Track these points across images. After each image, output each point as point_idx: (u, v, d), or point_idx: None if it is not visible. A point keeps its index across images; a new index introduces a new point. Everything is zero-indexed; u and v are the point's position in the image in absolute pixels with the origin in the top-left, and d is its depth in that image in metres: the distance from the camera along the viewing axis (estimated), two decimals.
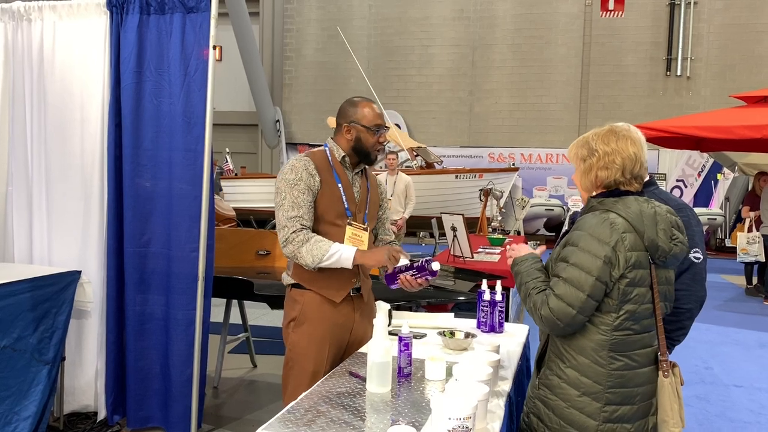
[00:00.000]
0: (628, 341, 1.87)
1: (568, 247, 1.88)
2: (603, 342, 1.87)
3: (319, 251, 2.32)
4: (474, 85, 16.83)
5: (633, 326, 1.87)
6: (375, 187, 2.65)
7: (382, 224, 2.72)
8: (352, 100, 2.53)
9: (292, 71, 18.21)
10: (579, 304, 1.81)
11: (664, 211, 1.91)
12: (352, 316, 2.48)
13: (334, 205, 2.41)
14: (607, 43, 15.95)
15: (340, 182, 2.45)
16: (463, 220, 5.48)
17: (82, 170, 3.59)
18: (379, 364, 1.97)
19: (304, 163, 2.41)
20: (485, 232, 8.37)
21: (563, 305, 1.82)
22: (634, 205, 1.88)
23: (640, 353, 1.90)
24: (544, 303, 1.86)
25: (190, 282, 3.41)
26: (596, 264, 1.81)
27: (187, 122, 3.40)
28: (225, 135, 17.98)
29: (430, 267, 2.34)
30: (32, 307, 3.16)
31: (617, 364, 1.87)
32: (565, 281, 1.84)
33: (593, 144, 1.95)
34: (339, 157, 2.49)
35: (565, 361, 1.93)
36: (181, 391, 3.47)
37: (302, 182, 2.37)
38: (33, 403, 3.16)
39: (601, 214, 1.88)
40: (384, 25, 17.27)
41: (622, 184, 1.92)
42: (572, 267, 1.83)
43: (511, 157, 15.97)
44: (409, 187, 7.87)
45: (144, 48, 3.45)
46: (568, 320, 1.82)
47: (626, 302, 1.85)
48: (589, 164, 1.95)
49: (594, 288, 1.81)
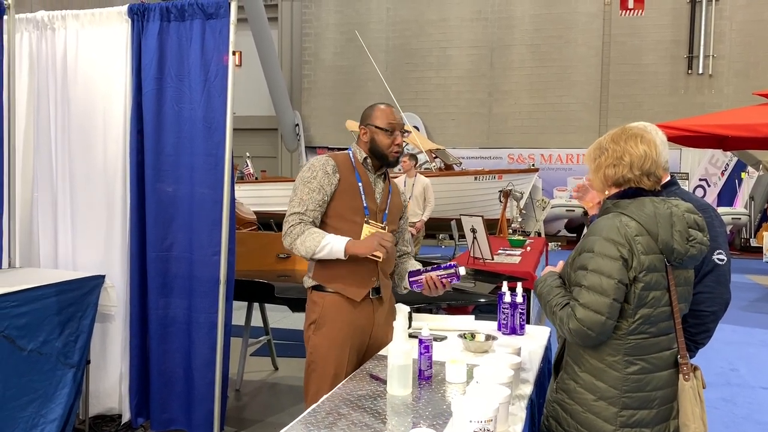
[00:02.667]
0: (644, 345, 1.85)
1: (585, 254, 1.86)
2: (618, 346, 1.85)
3: (312, 242, 2.35)
4: (493, 86, 16.78)
5: (649, 329, 1.85)
6: (397, 193, 2.66)
7: (401, 234, 2.72)
8: (372, 105, 2.58)
9: (311, 75, 18.31)
10: (607, 309, 1.78)
11: (682, 210, 1.87)
12: (372, 318, 2.49)
13: (352, 202, 2.43)
14: (627, 42, 15.82)
15: (360, 181, 2.47)
16: (483, 221, 5.46)
17: (105, 176, 3.64)
18: (399, 367, 1.97)
19: (323, 162, 2.44)
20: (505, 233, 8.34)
21: (591, 314, 1.78)
22: (648, 207, 1.85)
23: (658, 357, 1.87)
24: (570, 316, 1.82)
25: (211, 285, 3.44)
26: (615, 267, 1.79)
27: (208, 127, 3.44)
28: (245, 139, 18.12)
29: (458, 270, 2.35)
30: (57, 311, 3.21)
31: (633, 368, 1.85)
32: (587, 289, 1.81)
33: (604, 143, 1.96)
34: (361, 159, 2.52)
35: (580, 365, 1.92)
36: (203, 393, 3.50)
37: (315, 181, 2.40)
38: (59, 405, 3.21)
39: (614, 217, 1.86)
40: (402, 27, 17.30)
41: (632, 181, 1.89)
42: (592, 273, 1.81)
43: (531, 158, 15.89)
44: (427, 189, 7.86)
45: (164, 55, 3.49)
46: (599, 328, 1.78)
47: (642, 306, 1.83)
48: (599, 163, 1.94)
49: (617, 290, 1.79)
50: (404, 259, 2.72)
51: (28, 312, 3.04)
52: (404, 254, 2.74)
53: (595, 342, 1.84)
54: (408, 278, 2.48)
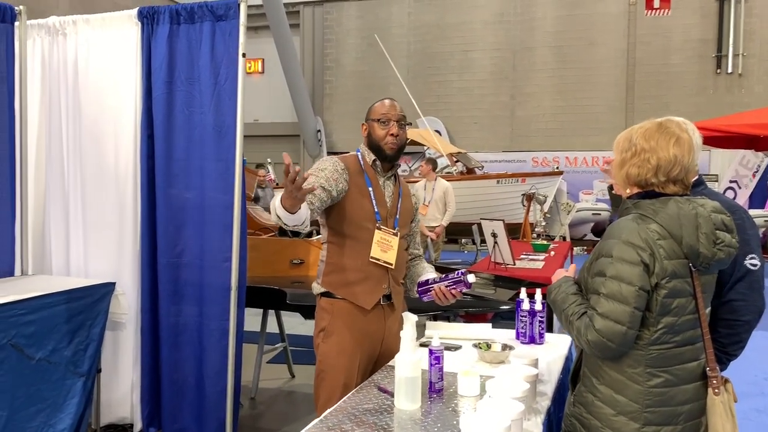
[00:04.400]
0: (667, 356, 1.71)
1: (602, 259, 1.73)
2: (639, 357, 1.71)
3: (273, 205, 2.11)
4: (516, 88, 16.58)
5: (673, 339, 1.71)
6: (408, 195, 2.56)
7: (413, 237, 2.62)
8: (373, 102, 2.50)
9: (333, 81, 18.29)
10: (627, 318, 1.65)
11: (708, 210, 1.72)
12: (383, 325, 2.39)
13: (363, 208, 2.34)
14: (653, 42, 15.51)
15: (370, 185, 2.38)
16: (504, 225, 5.33)
17: (116, 182, 3.60)
18: (407, 380, 1.86)
19: (334, 162, 2.35)
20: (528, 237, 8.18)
21: (610, 324, 1.65)
22: (672, 208, 1.71)
23: (683, 368, 1.73)
24: (588, 327, 1.69)
25: (223, 292, 3.37)
26: (635, 272, 1.66)
27: (218, 131, 3.37)
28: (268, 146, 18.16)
29: (466, 279, 2.24)
30: (67, 319, 3.16)
31: (656, 380, 1.71)
32: (606, 297, 1.67)
33: (634, 137, 1.80)
34: (370, 161, 2.42)
35: (599, 378, 1.78)
36: (215, 403, 3.42)
37: (323, 173, 2.28)
38: (68, 415, 3.16)
39: (634, 219, 1.73)
40: (423, 31, 17.20)
41: (656, 186, 1.75)
42: (611, 280, 1.68)
43: (555, 160, 15.65)
44: (447, 193, 7.74)
45: (174, 58, 3.44)
46: (620, 339, 1.65)
47: (665, 314, 1.69)
48: (623, 158, 1.80)
49: (638, 298, 1.66)
50: (415, 263, 2.62)
51: (36, 320, 3.00)
52: (415, 257, 2.64)
53: (615, 354, 1.70)
54: (417, 289, 2.37)
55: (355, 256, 2.31)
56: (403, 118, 2.42)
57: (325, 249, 2.40)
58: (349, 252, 2.30)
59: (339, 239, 2.36)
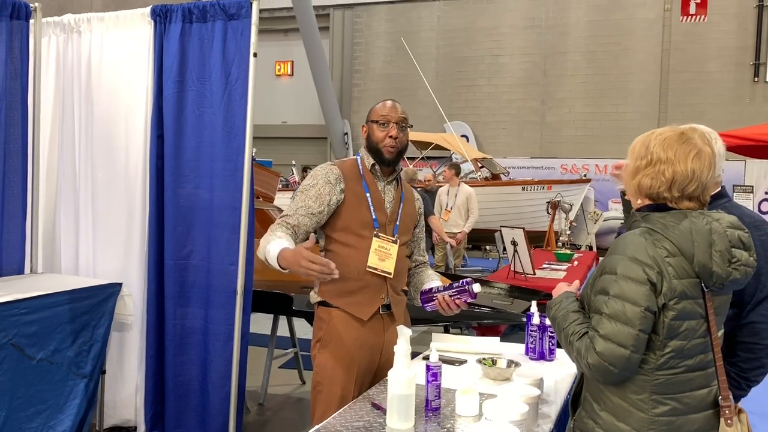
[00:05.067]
0: (675, 382, 1.57)
1: (606, 276, 1.59)
2: (644, 383, 1.57)
3: (264, 242, 2.09)
4: (546, 94, 16.36)
5: (682, 363, 1.57)
6: (411, 200, 2.45)
7: (417, 243, 2.52)
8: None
9: (361, 84, 18.26)
10: (631, 341, 1.51)
11: (724, 226, 1.58)
12: (382, 336, 2.29)
13: (360, 215, 2.24)
14: (688, 48, 15.15)
15: (368, 191, 2.28)
16: (524, 233, 5.19)
17: (125, 182, 3.57)
18: (400, 397, 1.76)
19: (327, 171, 2.26)
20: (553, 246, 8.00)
21: (613, 347, 1.52)
22: (683, 222, 1.57)
23: (692, 396, 1.59)
24: (589, 348, 1.55)
25: (229, 296, 3.31)
26: (641, 292, 1.52)
27: (228, 132, 3.31)
28: (294, 148, 18.22)
29: (471, 288, 2.13)
30: (70, 319, 3.12)
31: (662, 408, 1.57)
32: (609, 318, 1.54)
33: (651, 145, 1.64)
34: (369, 165, 2.32)
35: (600, 403, 1.64)
36: (218, 408, 3.35)
37: (314, 189, 2.23)
38: (68, 417, 3.12)
39: (642, 234, 1.59)
40: (453, 35, 17.07)
41: (668, 201, 1.61)
42: (615, 300, 1.54)
43: (585, 168, 15.36)
44: (470, 199, 7.60)
45: (186, 57, 3.39)
46: (623, 363, 1.52)
47: (673, 337, 1.55)
48: (637, 166, 1.65)
49: (644, 320, 1.52)
50: (420, 270, 2.51)
51: (38, 320, 2.96)
52: (420, 264, 2.53)
53: (617, 379, 1.57)
54: (420, 297, 2.27)
55: (353, 264, 2.22)
56: (404, 120, 2.32)
57: (322, 256, 2.31)
58: (346, 260, 2.20)
59: (336, 247, 2.27)
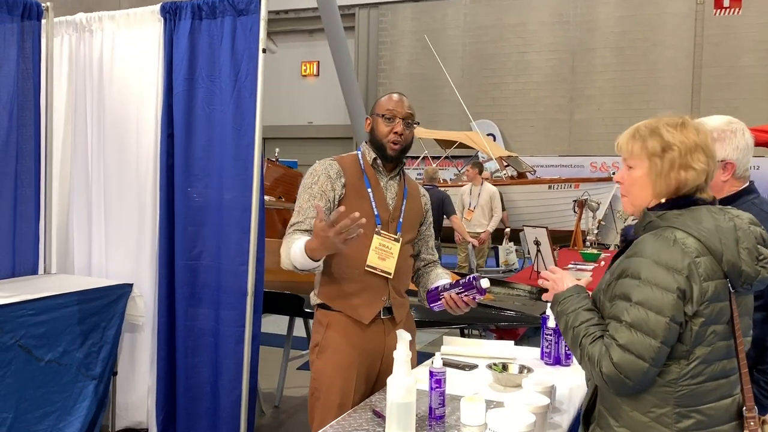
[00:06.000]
0: (699, 392, 1.44)
1: (628, 280, 1.45)
2: (667, 395, 1.44)
3: (285, 251, 2.06)
4: (574, 91, 16.07)
5: (705, 371, 1.44)
6: (416, 196, 2.35)
7: (425, 241, 2.41)
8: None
9: (387, 83, 18.16)
10: (652, 354, 1.39)
11: (746, 222, 1.46)
12: (383, 341, 2.19)
13: (361, 210, 2.13)
14: (722, 43, 14.74)
15: (370, 186, 2.18)
16: (548, 233, 5.05)
17: (137, 181, 3.53)
18: (399, 405, 1.66)
19: (326, 166, 2.18)
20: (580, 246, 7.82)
21: (631, 358, 1.39)
22: (706, 219, 1.44)
23: (717, 406, 1.45)
24: (604, 357, 1.42)
25: (239, 297, 3.25)
26: (668, 300, 1.38)
27: (237, 130, 3.25)
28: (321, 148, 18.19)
29: (479, 284, 2.02)
30: (79, 320, 3.10)
31: (686, 423, 1.44)
32: (630, 326, 1.41)
33: (667, 134, 1.50)
34: (370, 160, 2.23)
35: (618, 419, 1.51)
36: (230, 412, 3.29)
37: (316, 186, 2.15)
38: (78, 419, 3.09)
39: (665, 234, 1.44)
40: (479, 33, 16.88)
41: (701, 191, 1.50)
42: (637, 307, 1.41)
43: (615, 166, 15.00)
44: (494, 198, 7.46)
45: (196, 54, 3.34)
46: (640, 376, 1.40)
47: (699, 344, 1.43)
48: (670, 161, 1.49)
49: (668, 332, 1.39)
50: (429, 269, 2.41)
51: (46, 321, 2.94)
52: (429, 263, 2.43)
53: (630, 392, 1.44)
54: (426, 297, 2.17)
55: (352, 264, 2.13)
56: (411, 116, 2.23)
57: None
58: (345, 260, 2.12)
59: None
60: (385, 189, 2.24)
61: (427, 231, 2.41)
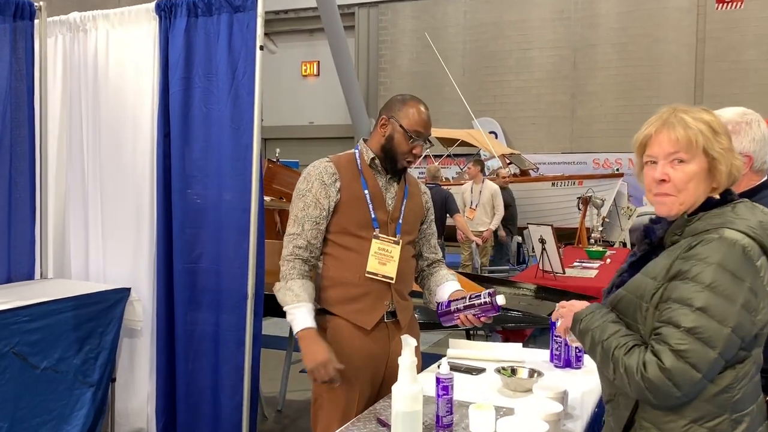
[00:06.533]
0: (748, 392, 1.35)
1: (689, 285, 1.31)
2: (725, 402, 1.33)
3: (283, 300, 2.08)
4: (576, 87, 15.99)
5: (752, 370, 1.36)
6: (416, 194, 2.27)
7: (427, 240, 2.33)
8: (404, 96, 2.21)
9: (387, 82, 18.11)
10: (707, 366, 1.27)
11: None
12: (387, 346, 2.12)
13: (358, 214, 2.07)
14: (724, 37, 14.64)
15: (366, 187, 2.10)
16: (553, 231, 4.96)
17: (133, 183, 3.46)
18: (405, 415, 1.59)
19: (321, 169, 2.10)
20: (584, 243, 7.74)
21: (685, 367, 1.26)
22: (748, 214, 1.35)
23: (756, 406, 1.37)
24: (650, 363, 1.29)
25: (239, 300, 3.17)
26: (732, 311, 1.27)
27: (235, 129, 3.17)
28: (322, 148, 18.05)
29: (495, 301, 1.95)
30: (75, 326, 3.02)
31: (741, 428, 1.34)
32: (689, 332, 1.27)
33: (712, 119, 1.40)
34: (368, 160, 2.15)
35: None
36: (231, 417, 3.22)
37: (310, 194, 2.08)
38: (75, 427, 3.02)
39: (723, 236, 1.32)
40: (479, 30, 16.81)
41: (734, 185, 1.42)
42: (700, 313, 1.28)
43: (618, 162, 14.96)
44: (495, 196, 7.38)
45: (192, 52, 3.26)
46: (689, 387, 1.28)
47: (756, 347, 1.35)
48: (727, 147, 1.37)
49: (728, 344, 1.28)
50: (434, 269, 2.33)
51: (42, 327, 2.87)
52: (433, 263, 2.34)
53: (674, 402, 1.32)
54: (437, 312, 2.09)
55: (352, 269, 2.05)
56: (428, 137, 2.18)
57: (321, 261, 2.15)
58: (345, 265, 2.04)
59: (334, 250, 2.11)
60: (384, 189, 2.16)
61: (428, 229, 2.33)
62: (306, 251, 2.09)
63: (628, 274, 1.51)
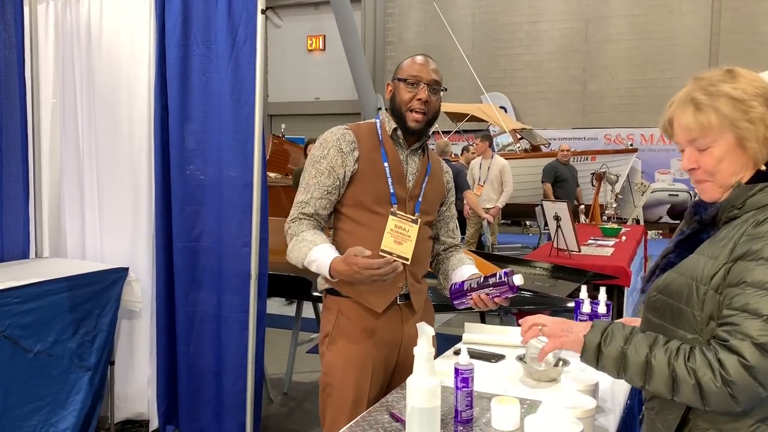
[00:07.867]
0: None
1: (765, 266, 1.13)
2: None
3: (299, 253, 1.87)
4: (588, 61, 15.62)
5: None
6: (438, 173, 2.09)
7: (445, 223, 2.16)
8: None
9: (394, 57, 17.76)
10: None
11: None
12: (401, 330, 1.95)
13: (375, 188, 1.90)
14: (741, 8, 14.23)
15: (386, 160, 1.93)
16: (569, 207, 4.77)
17: (130, 157, 3.29)
18: (421, 411, 1.42)
19: (339, 136, 1.93)
20: (598, 220, 7.55)
21: None
22: None
23: None
24: (729, 360, 1.10)
25: (242, 280, 3.02)
26: None
27: (236, 100, 2.99)
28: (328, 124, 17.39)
29: (511, 281, 1.78)
30: (71, 308, 2.88)
31: None
32: None
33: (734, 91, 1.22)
34: (390, 130, 1.97)
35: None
36: (235, 401, 3.08)
37: (325, 160, 1.91)
38: (72, 413, 2.89)
39: None
40: (489, 2, 16.41)
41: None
42: None
43: (630, 137, 14.65)
44: (504, 171, 7.16)
45: (189, 16, 3.06)
46: None
47: None
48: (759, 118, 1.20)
49: None
50: (450, 254, 2.15)
51: (34, 309, 2.73)
52: (450, 247, 2.17)
53: (752, 406, 1.14)
54: (450, 294, 1.92)
55: (365, 246, 1.87)
56: (437, 82, 1.95)
57: (331, 236, 1.98)
58: (357, 241, 1.86)
59: (346, 224, 1.94)
60: (404, 163, 1.98)
61: (447, 211, 2.15)
62: (313, 220, 1.93)
63: (675, 255, 1.33)
